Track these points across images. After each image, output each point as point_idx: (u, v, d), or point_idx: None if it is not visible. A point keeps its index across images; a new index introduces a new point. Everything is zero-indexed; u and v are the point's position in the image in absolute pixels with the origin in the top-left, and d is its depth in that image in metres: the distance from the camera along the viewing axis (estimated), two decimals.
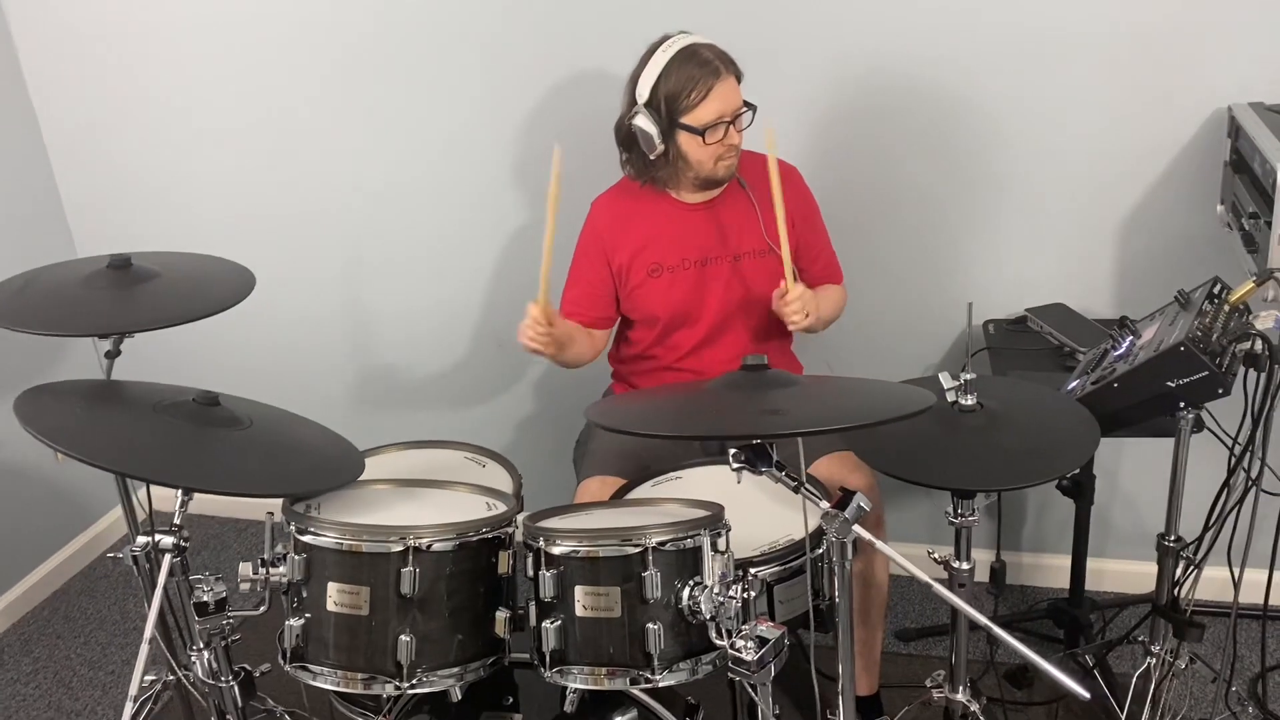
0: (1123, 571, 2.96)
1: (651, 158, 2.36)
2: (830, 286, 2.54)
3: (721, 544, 1.81)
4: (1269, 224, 2.15)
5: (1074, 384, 2.16)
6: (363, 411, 3.34)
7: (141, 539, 1.97)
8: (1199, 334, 1.96)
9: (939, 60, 2.63)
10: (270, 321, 3.24)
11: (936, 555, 2.03)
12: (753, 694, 1.71)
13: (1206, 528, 2.16)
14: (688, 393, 1.83)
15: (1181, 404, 1.99)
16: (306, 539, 1.86)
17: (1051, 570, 3.02)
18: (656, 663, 1.75)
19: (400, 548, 1.82)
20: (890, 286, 2.78)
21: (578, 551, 1.78)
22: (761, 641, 1.68)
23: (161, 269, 2.26)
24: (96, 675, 3.00)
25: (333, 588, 1.85)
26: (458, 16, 2.85)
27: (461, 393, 3.27)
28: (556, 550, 1.79)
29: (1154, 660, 2.29)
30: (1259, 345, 1.97)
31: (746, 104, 2.32)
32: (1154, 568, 2.23)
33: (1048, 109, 2.61)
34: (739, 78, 2.31)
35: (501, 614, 1.92)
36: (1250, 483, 2.06)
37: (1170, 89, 2.54)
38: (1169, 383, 1.97)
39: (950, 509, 1.96)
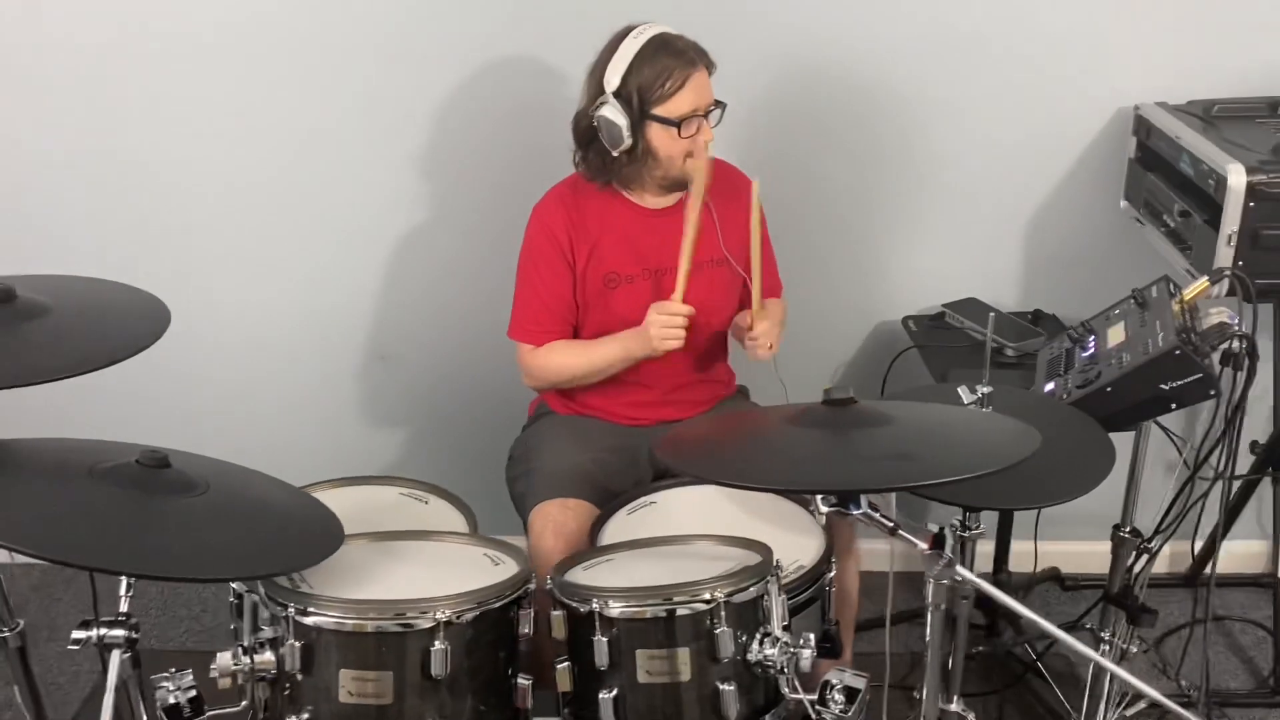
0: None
1: (615, 153, 2.18)
2: (777, 303, 2.45)
3: (777, 588, 1.68)
4: (1209, 223, 2.22)
5: (1051, 386, 2.17)
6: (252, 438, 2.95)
7: (78, 633, 1.64)
8: (1186, 336, 2.00)
9: (854, 61, 2.58)
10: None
11: None
12: None
13: (1164, 522, 2.23)
14: (768, 431, 1.67)
15: (1173, 405, 2.02)
16: (309, 621, 1.59)
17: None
18: None
19: (429, 624, 1.59)
20: (807, 283, 2.71)
21: (640, 613, 1.60)
22: (850, 693, 1.57)
23: (52, 301, 1.86)
24: None
25: (346, 676, 1.60)
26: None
27: (345, 414, 2.96)
28: (613, 612, 1.61)
29: (1107, 648, 2.35)
30: (1236, 344, 2.03)
31: (717, 101, 2.18)
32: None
33: (959, 109, 2.62)
34: (711, 70, 2.17)
35: (524, 682, 1.72)
36: (1217, 475, 2.13)
37: (1075, 90, 2.59)
38: (1162, 385, 1.99)
39: (958, 522, 1.91)
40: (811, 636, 1.62)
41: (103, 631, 1.63)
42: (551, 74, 2.60)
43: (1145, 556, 2.30)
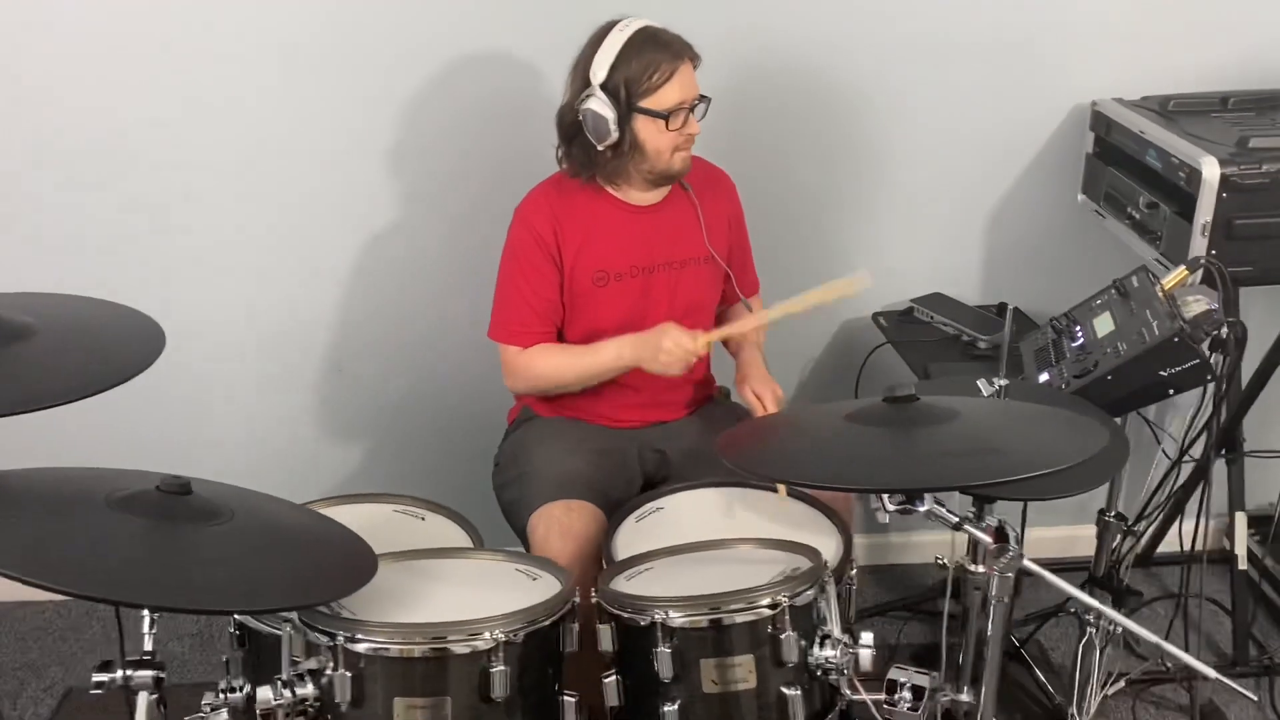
0: None
1: (600, 147, 2.14)
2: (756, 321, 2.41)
3: (833, 590, 1.67)
4: (1180, 215, 2.29)
5: (1046, 377, 2.20)
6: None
7: (100, 675, 1.53)
8: (1180, 324, 2.05)
9: (817, 62, 2.59)
10: None
11: (943, 560, 2.00)
12: None
13: (1147, 508, 2.30)
14: (830, 430, 1.65)
15: (1170, 391, 2.08)
16: (360, 648, 1.51)
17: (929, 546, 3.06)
18: None
19: (487, 644, 1.52)
20: (774, 282, 2.70)
21: (703, 622, 1.57)
22: (917, 691, 1.57)
23: (37, 322, 1.72)
24: None
25: (400, 705, 1.53)
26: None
27: (309, 428, 2.84)
28: (677, 622, 1.57)
29: (1093, 630, 2.40)
30: (1224, 331, 2.10)
31: (701, 95, 2.16)
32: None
33: (921, 109, 2.64)
34: (696, 64, 2.15)
35: (570, 699, 1.67)
36: (1204, 456, 2.21)
37: (1032, 88, 2.65)
38: (1161, 372, 2.05)
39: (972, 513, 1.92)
40: (870, 636, 1.61)
41: (129, 673, 1.52)
42: (523, 72, 2.55)
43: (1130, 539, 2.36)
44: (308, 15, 2.48)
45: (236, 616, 1.79)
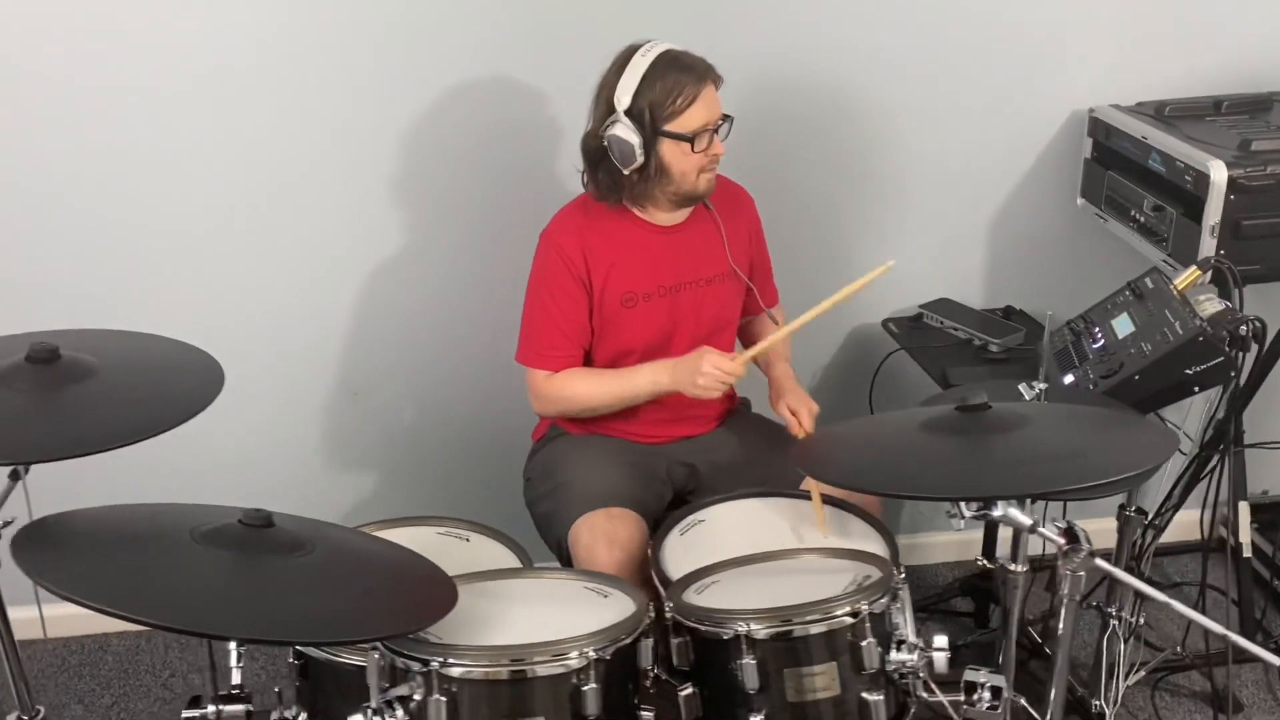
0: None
1: (626, 171, 2.16)
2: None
3: (906, 596, 1.71)
4: (1187, 216, 2.37)
5: (1070, 379, 2.26)
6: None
7: (190, 712, 1.54)
8: (1203, 323, 2.12)
9: (824, 76, 2.64)
10: None
11: (985, 563, 2.06)
12: None
13: (1167, 502, 2.37)
14: (904, 439, 1.68)
15: (1196, 389, 2.15)
16: (455, 672, 1.51)
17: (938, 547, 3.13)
18: None
19: (581, 663, 1.54)
20: (784, 291, 2.75)
21: (786, 632, 1.60)
22: (996, 691, 1.61)
23: (97, 361, 1.71)
24: None
25: None
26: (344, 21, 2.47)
27: (321, 453, 2.83)
28: (762, 634, 1.59)
29: (1116, 623, 2.47)
30: (1244, 329, 2.17)
31: (724, 115, 2.19)
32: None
33: (924, 116, 2.70)
34: (718, 85, 2.18)
35: (647, 714, 1.69)
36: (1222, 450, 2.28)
37: (1030, 96, 2.72)
38: (1187, 370, 2.11)
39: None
40: (945, 639, 1.64)
41: (221, 708, 1.52)
42: (527, 96, 2.57)
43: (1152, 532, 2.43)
44: (316, 53, 2.49)
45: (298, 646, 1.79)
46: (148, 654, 2.95)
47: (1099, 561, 1.59)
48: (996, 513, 1.57)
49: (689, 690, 1.69)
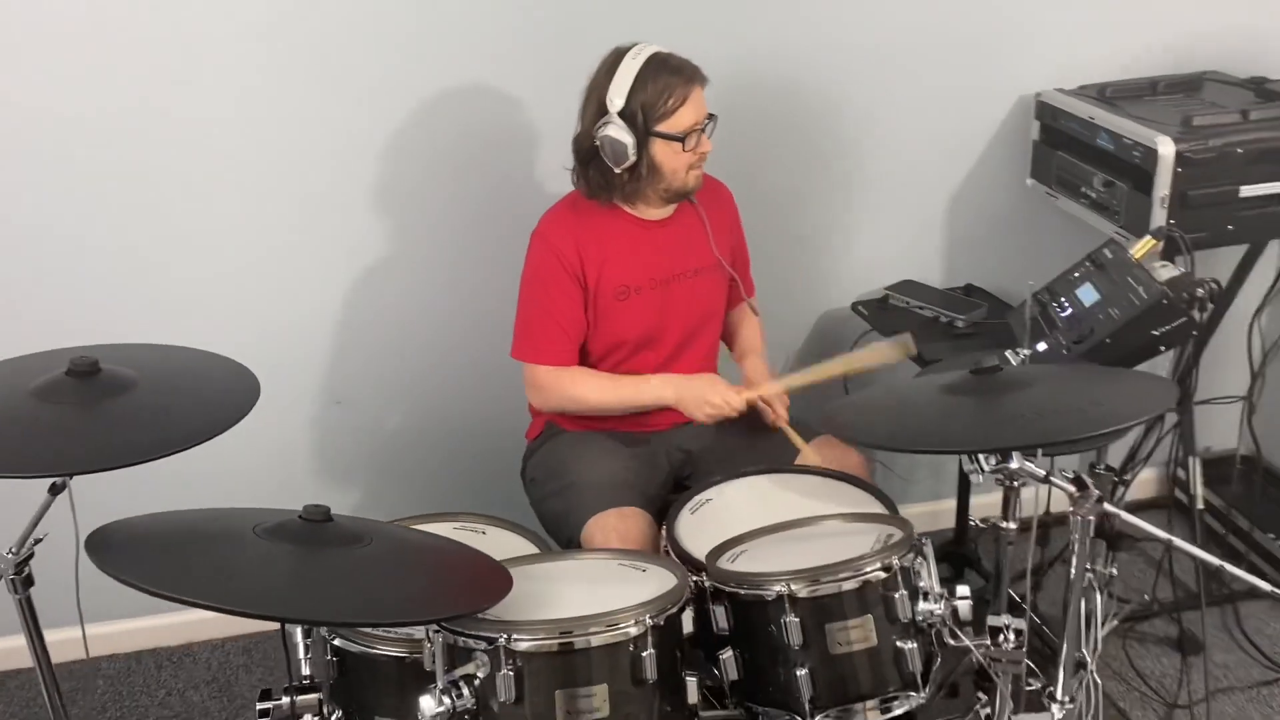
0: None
1: (619, 170, 2.25)
2: (757, 327, 2.61)
3: (930, 550, 1.82)
4: (1138, 190, 2.53)
5: (1043, 346, 2.40)
6: None
7: (263, 704, 1.58)
8: (1164, 287, 2.28)
9: (786, 73, 2.75)
10: None
11: (978, 521, 2.19)
12: (1004, 682, 1.76)
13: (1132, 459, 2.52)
14: (926, 401, 1.79)
15: (1161, 348, 2.30)
16: (521, 647, 1.59)
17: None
18: (919, 679, 1.73)
19: (639, 630, 1.62)
20: (759, 277, 2.85)
21: (829, 589, 1.70)
22: (1019, 633, 1.73)
23: (137, 374, 1.74)
24: None
25: (562, 697, 1.60)
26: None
27: (307, 459, 2.85)
28: (802, 593, 1.69)
29: (1092, 575, 2.62)
30: (1201, 291, 2.33)
31: (710, 114, 2.29)
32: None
33: (880, 111, 2.83)
34: (704, 85, 2.27)
35: (691, 679, 1.77)
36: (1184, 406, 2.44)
37: (979, 84, 2.87)
38: (1154, 331, 2.26)
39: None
40: (966, 588, 1.76)
41: (296, 699, 1.57)
42: (505, 102, 2.63)
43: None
44: (294, 62, 2.53)
45: (337, 642, 1.84)
46: (139, 675, 2.95)
47: (1108, 505, 1.72)
48: (1014, 464, 1.69)
49: (729, 653, 1.78)
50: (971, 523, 2.18)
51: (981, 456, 1.69)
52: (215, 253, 2.63)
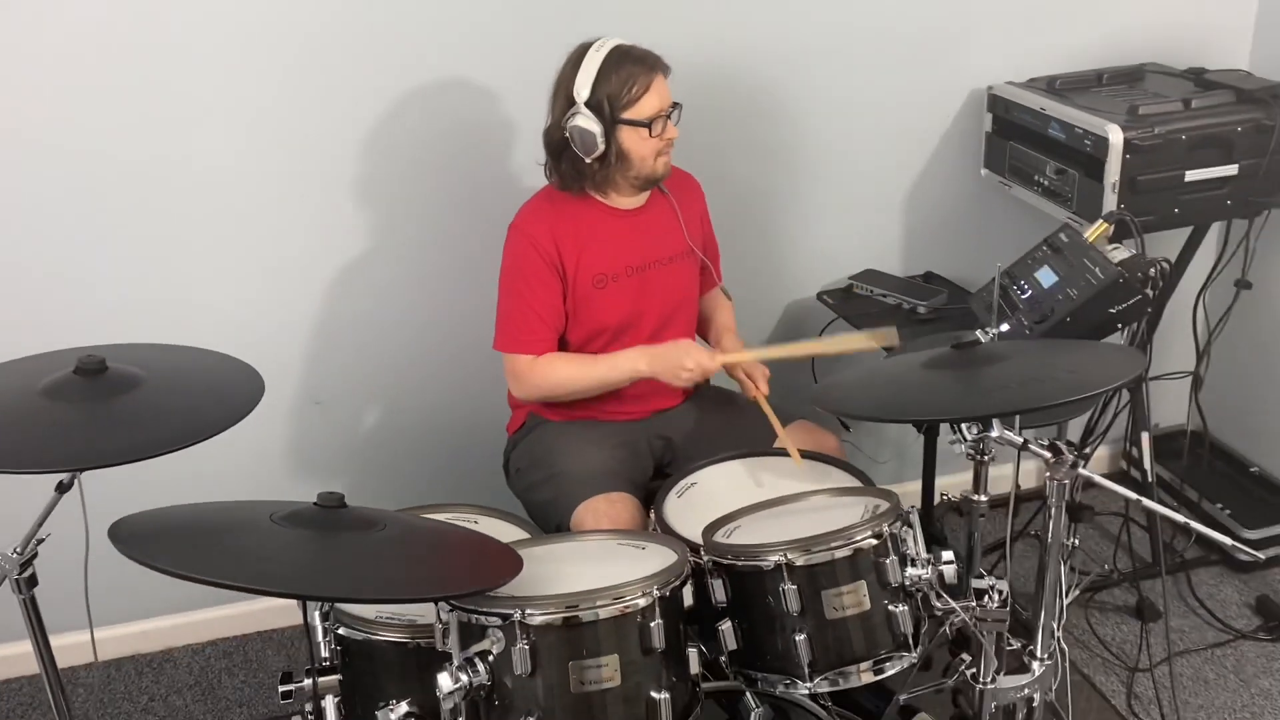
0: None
1: (589, 159, 2.32)
2: (730, 310, 2.69)
3: (916, 519, 1.91)
4: (1090, 176, 2.65)
5: (1007, 327, 2.51)
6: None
7: (285, 685, 1.63)
8: (1119, 267, 2.39)
9: (748, 68, 2.84)
10: None
11: (948, 496, 2.29)
12: (989, 641, 1.85)
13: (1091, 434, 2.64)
14: (910, 376, 1.88)
15: (1119, 325, 2.42)
16: (536, 621, 1.65)
17: None
18: (910, 640, 1.82)
19: (648, 601, 1.69)
20: (727, 268, 2.93)
21: (822, 557, 1.78)
22: (1001, 595, 1.82)
23: (143, 372, 1.78)
24: None
25: (575, 668, 1.66)
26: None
27: (286, 459, 2.88)
28: (799, 561, 1.77)
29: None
30: (1153, 270, 2.45)
31: (674, 102, 2.37)
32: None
33: (839, 103, 2.93)
34: (666, 74, 2.35)
35: (693, 650, 1.84)
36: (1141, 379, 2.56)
37: (933, 79, 2.98)
38: (1111, 309, 2.38)
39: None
40: (951, 554, 1.85)
41: (318, 679, 1.62)
42: (479, 97, 2.69)
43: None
44: (269, 60, 2.56)
45: (341, 631, 1.88)
46: (119, 682, 2.95)
47: (1083, 470, 1.82)
48: (994, 433, 1.79)
49: (727, 624, 1.85)
50: (943, 497, 2.27)
51: (964, 426, 1.77)
52: (204, 254, 2.66)
